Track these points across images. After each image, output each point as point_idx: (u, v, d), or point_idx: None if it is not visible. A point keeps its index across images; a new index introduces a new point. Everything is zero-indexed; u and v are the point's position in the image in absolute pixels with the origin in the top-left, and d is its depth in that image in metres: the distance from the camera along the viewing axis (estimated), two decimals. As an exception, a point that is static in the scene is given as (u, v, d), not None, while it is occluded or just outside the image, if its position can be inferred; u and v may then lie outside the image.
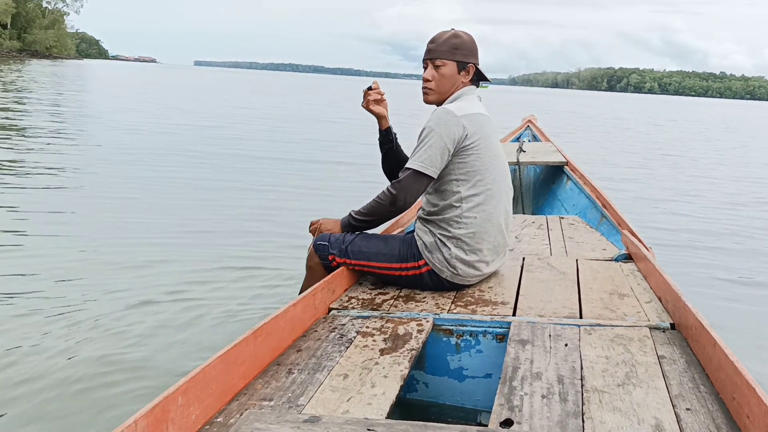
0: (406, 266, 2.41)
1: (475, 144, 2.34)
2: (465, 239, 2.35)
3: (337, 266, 2.46)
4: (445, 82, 2.43)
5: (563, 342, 1.89)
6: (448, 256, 2.35)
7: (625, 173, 9.74)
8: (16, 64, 48.88)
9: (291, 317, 1.92)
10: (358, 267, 2.46)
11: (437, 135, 2.31)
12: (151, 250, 4.16)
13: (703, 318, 1.78)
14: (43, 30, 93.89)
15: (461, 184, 2.35)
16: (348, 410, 1.49)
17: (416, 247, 2.41)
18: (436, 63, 2.42)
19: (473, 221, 2.35)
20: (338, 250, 2.45)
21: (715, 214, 6.82)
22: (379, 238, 2.50)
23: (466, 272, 2.37)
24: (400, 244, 2.45)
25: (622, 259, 2.86)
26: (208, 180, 7.03)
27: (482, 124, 2.39)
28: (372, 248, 2.44)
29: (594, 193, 4.13)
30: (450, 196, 2.37)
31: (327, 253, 2.46)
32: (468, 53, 2.43)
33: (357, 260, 2.45)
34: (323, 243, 2.48)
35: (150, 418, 1.25)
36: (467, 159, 2.34)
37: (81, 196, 5.85)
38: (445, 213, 2.37)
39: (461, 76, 2.43)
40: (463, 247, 2.35)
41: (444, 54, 2.40)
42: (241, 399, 1.55)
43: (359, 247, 2.44)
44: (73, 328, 2.88)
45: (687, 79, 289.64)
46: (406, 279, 2.44)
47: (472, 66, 2.44)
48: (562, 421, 1.42)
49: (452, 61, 2.41)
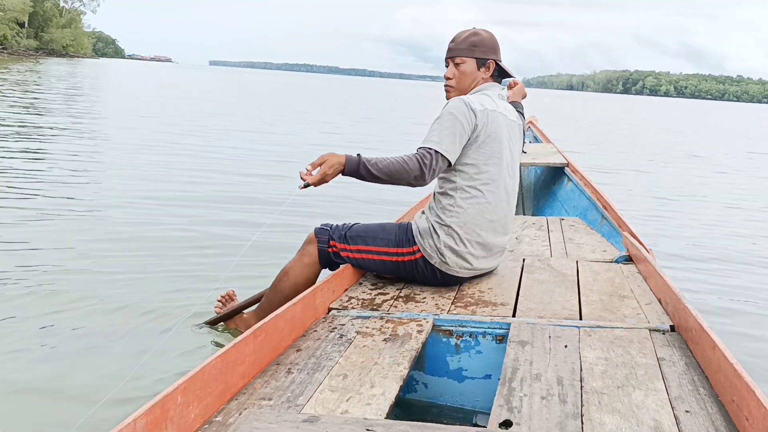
0: (401, 251, 2.45)
1: (481, 138, 2.37)
2: (455, 228, 2.38)
3: (334, 254, 2.51)
4: (465, 79, 2.50)
5: (563, 343, 1.89)
6: (437, 243, 2.39)
7: (628, 174, 9.74)
8: (32, 63, 48.50)
9: (291, 317, 1.93)
10: (356, 253, 2.49)
11: (457, 121, 2.32)
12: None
13: (702, 320, 1.78)
14: (60, 29, 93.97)
15: (459, 174, 2.38)
16: (347, 410, 1.49)
17: (411, 232, 2.46)
18: (456, 61, 2.50)
19: (465, 212, 2.38)
20: (339, 236, 2.51)
21: (718, 217, 6.81)
22: (378, 225, 2.56)
23: (453, 261, 2.39)
24: (397, 229, 2.51)
25: (622, 260, 2.86)
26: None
27: (494, 121, 2.40)
28: (370, 233, 2.50)
29: (594, 194, 4.13)
30: (447, 184, 2.41)
31: (328, 238, 2.51)
32: (487, 50, 2.49)
33: (355, 245, 2.49)
34: (324, 229, 2.54)
35: (149, 417, 1.25)
36: (469, 151, 2.37)
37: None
38: (441, 201, 2.42)
39: (481, 72, 2.50)
40: (453, 236, 2.38)
41: (463, 52, 2.48)
42: (240, 398, 1.55)
43: (357, 233, 2.50)
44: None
45: (703, 82, 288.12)
46: (402, 266, 2.47)
47: (492, 62, 2.50)
48: (562, 422, 1.42)
49: (471, 58, 2.48)
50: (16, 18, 78.64)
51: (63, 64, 53.20)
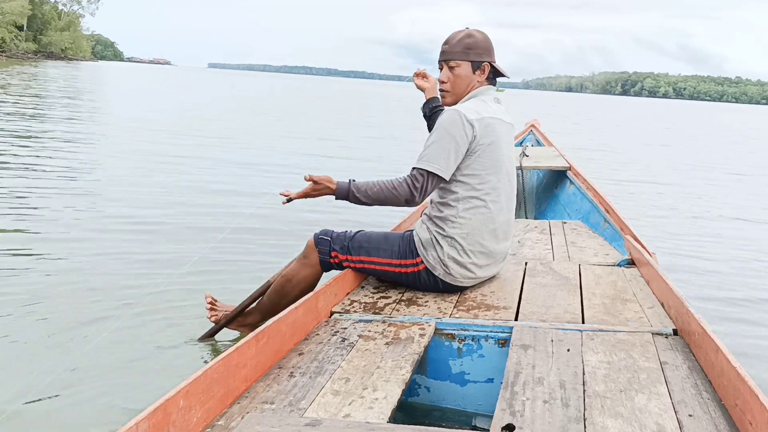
0: (404, 263, 2.44)
1: (480, 148, 2.34)
2: (458, 239, 2.36)
3: (336, 264, 2.49)
4: (460, 82, 2.46)
5: (565, 347, 1.89)
6: (441, 255, 2.37)
7: (631, 178, 9.73)
8: (30, 66, 48.33)
9: (293, 321, 1.93)
10: (359, 263, 2.48)
11: (450, 137, 2.31)
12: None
13: (705, 324, 1.78)
14: (59, 32, 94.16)
15: (460, 185, 2.36)
16: (349, 414, 1.49)
17: (414, 244, 2.44)
18: (450, 64, 2.45)
19: (468, 222, 2.36)
20: (341, 246, 2.48)
21: (721, 221, 6.80)
22: (380, 235, 2.53)
23: (458, 272, 2.38)
24: (399, 241, 2.48)
25: (624, 264, 2.85)
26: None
27: (493, 128, 2.38)
28: (372, 244, 2.47)
29: (597, 198, 4.12)
30: (448, 195, 2.38)
31: (329, 249, 2.48)
32: (482, 52, 2.45)
33: (358, 256, 2.47)
34: (325, 238, 2.50)
35: (152, 421, 1.25)
36: (469, 162, 2.35)
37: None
38: (442, 211, 2.39)
39: (476, 75, 2.46)
40: (456, 247, 2.37)
41: (457, 55, 2.43)
42: (242, 402, 1.55)
43: (360, 243, 2.47)
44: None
45: (702, 83, 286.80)
46: (405, 277, 2.45)
47: (486, 65, 2.46)
48: (564, 426, 1.41)
49: (466, 61, 2.43)
50: (14, 21, 78.88)
51: (60, 67, 53.05)
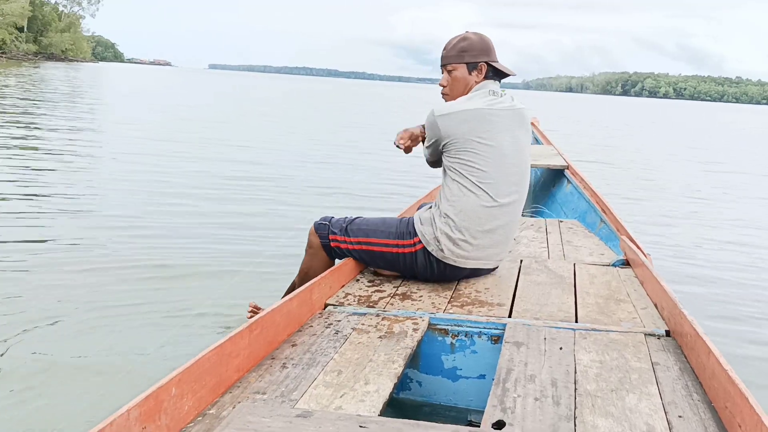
0: (402, 243, 2.50)
1: (454, 142, 2.43)
2: (452, 217, 2.42)
3: (337, 248, 2.56)
4: (457, 85, 2.55)
5: (558, 345, 1.89)
6: (435, 231, 2.44)
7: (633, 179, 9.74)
8: (31, 67, 47.76)
9: (287, 312, 1.93)
10: (356, 245, 2.53)
11: (430, 131, 2.52)
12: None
13: (698, 326, 1.78)
14: (59, 33, 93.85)
15: (453, 172, 2.46)
16: (341, 406, 1.50)
17: (413, 225, 2.51)
18: (448, 68, 2.57)
19: (459, 201, 2.42)
20: (339, 228, 2.56)
21: (717, 224, 6.82)
22: (378, 218, 2.61)
23: (450, 249, 2.42)
24: (398, 222, 2.56)
25: (619, 264, 2.86)
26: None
27: (468, 121, 2.42)
28: (371, 226, 2.55)
29: (594, 197, 4.13)
30: (446, 177, 2.51)
31: (327, 233, 2.56)
32: (477, 53, 2.52)
33: (356, 237, 2.54)
34: (324, 223, 2.59)
35: (143, 408, 1.25)
36: (452, 154, 2.45)
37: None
38: (443, 190, 2.49)
39: (473, 76, 2.53)
40: (449, 224, 2.42)
41: (453, 59, 2.54)
42: (234, 392, 1.55)
43: (358, 226, 2.56)
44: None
45: (702, 83, 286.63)
46: (402, 258, 2.50)
47: (483, 65, 2.52)
48: (555, 424, 1.42)
49: (461, 63, 2.53)
50: (15, 22, 78.65)
51: (60, 68, 52.63)
